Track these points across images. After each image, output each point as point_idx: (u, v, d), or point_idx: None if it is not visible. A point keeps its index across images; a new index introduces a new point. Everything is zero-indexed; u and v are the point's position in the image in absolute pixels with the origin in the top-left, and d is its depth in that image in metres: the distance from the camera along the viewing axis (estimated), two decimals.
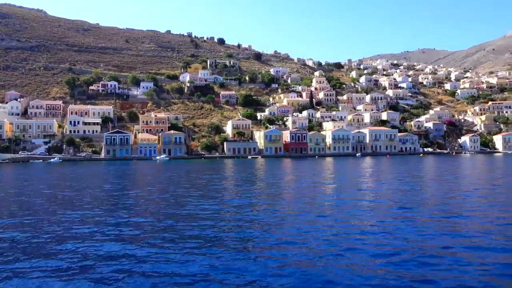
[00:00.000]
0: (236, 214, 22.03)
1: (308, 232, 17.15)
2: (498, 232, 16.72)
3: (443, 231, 16.94)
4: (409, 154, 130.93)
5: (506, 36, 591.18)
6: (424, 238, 15.79)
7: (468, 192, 31.35)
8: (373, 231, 17.29)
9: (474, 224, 18.40)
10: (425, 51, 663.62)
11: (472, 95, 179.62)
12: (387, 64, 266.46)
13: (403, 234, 16.47)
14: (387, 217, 20.38)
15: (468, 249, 14.27)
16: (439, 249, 14.22)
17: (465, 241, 15.32)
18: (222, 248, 14.80)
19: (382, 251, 14.21)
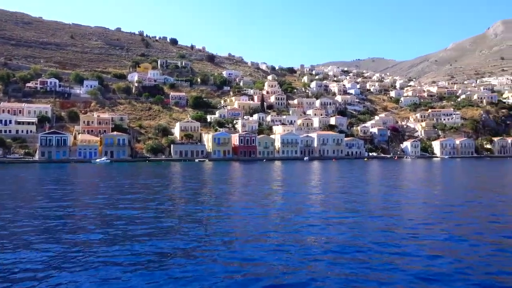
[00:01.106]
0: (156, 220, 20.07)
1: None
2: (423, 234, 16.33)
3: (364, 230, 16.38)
4: (354, 158, 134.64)
5: (447, 49, 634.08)
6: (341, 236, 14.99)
7: (401, 195, 31.64)
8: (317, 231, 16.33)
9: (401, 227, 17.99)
10: (375, 60, 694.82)
11: (414, 103, 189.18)
12: (337, 71, 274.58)
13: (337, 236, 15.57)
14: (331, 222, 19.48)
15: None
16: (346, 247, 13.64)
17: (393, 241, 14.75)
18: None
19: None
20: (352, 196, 31.21)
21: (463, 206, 25.75)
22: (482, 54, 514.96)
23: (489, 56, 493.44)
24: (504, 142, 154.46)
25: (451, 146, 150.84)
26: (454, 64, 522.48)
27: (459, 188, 39.28)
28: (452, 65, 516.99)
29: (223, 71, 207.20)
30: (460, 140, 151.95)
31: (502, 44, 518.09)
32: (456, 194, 33.58)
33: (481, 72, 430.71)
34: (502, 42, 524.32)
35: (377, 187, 40.26)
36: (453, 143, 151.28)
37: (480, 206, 25.70)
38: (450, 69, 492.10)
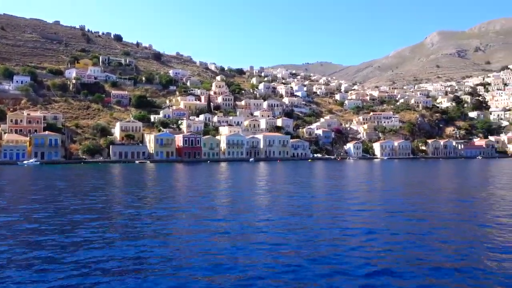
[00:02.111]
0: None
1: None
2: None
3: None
4: (299, 159, 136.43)
5: (389, 56, 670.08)
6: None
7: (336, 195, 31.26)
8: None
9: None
10: (323, 64, 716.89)
11: (358, 106, 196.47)
12: (286, 73, 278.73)
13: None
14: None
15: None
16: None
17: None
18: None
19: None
20: (295, 196, 30.39)
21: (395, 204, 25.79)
22: (420, 62, 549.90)
23: (426, 63, 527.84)
24: (437, 144, 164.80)
25: (390, 147, 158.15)
26: (396, 70, 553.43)
27: (394, 188, 40.09)
28: (393, 71, 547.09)
29: (170, 70, 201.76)
30: (398, 142, 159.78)
31: (438, 53, 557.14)
32: (391, 194, 34.00)
33: (419, 78, 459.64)
34: (438, 51, 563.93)
35: (319, 188, 39.97)
36: (392, 144, 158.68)
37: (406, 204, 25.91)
38: (392, 75, 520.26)
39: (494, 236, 16.99)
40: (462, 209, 25.17)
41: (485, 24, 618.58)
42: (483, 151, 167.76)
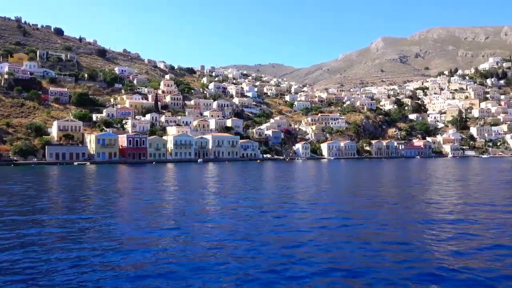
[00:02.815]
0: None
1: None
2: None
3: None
4: (249, 160, 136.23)
5: (338, 60, 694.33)
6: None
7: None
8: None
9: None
10: (275, 66, 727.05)
11: (306, 107, 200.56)
12: (237, 74, 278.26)
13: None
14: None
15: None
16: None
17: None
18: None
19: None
20: (242, 197, 29.18)
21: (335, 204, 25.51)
22: (366, 66, 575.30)
23: (371, 68, 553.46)
24: (380, 145, 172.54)
25: (337, 148, 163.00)
26: (344, 73, 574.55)
27: (338, 187, 40.37)
28: (341, 74, 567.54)
29: (116, 67, 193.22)
30: (345, 143, 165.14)
31: (382, 58, 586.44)
32: (334, 193, 33.99)
33: (365, 81, 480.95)
34: (382, 56, 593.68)
35: (264, 189, 39.15)
36: (338, 145, 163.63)
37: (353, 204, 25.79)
38: (340, 78, 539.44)
39: (428, 230, 17.10)
40: (399, 208, 25.57)
41: (425, 32, 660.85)
42: (421, 151, 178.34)
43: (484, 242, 15.88)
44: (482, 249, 14.77)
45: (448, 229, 18.37)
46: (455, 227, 18.89)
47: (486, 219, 20.81)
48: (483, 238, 16.53)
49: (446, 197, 30.62)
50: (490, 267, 12.69)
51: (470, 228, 18.59)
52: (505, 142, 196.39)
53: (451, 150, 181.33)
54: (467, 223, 19.84)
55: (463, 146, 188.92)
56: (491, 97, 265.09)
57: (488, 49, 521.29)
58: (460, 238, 16.64)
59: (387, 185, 44.23)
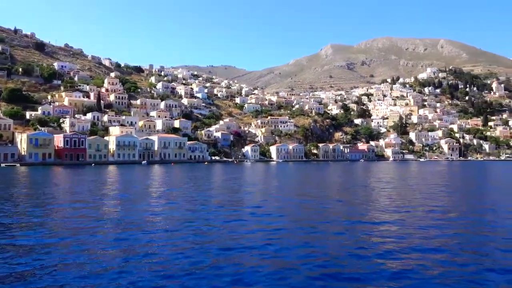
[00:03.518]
0: None
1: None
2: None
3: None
4: (197, 162, 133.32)
5: (289, 64, 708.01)
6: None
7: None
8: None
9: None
10: (227, 68, 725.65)
11: (257, 110, 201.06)
12: (187, 74, 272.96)
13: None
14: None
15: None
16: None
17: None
18: None
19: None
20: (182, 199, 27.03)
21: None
22: (316, 71, 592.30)
23: (321, 73, 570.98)
24: (327, 148, 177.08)
25: (286, 151, 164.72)
26: (294, 78, 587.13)
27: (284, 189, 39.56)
28: (292, 79, 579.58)
29: (55, 63, 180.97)
30: (293, 146, 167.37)
31: (331, 64, 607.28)
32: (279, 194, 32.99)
33: (314, 86, 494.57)
34: (331, 63, 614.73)
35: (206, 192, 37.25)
36: (287, 148, 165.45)
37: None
38: (291, 82, 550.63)
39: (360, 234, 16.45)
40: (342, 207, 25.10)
41: (370, 41, 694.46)
42: (365, 154, 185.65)
43: (414, 242, 16.30)
44: (413, 249, 15.21)
45: (385, 230, 18.21)
46: (389, 228, 18.63)
47: (416, 219, 20.86)
48: (413, 239, 16.82)
49: (384, 199, 30.91)
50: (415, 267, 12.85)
51: (403, 228, 18.56)
52: (440, 147, 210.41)
53: (392, 154, 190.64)
54: (400, 225, 19.71)
55: (403, 150, 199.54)
56: (428, 105, 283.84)
57: (426, 60, 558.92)
58: (393, 238, 17.04)
59: (332, 187, 44.41)
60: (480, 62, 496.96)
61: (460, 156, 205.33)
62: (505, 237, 17.45)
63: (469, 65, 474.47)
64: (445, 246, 15.70)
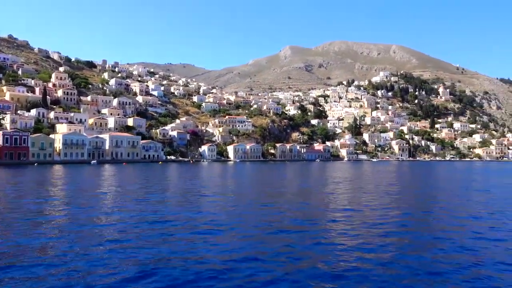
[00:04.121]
0: None
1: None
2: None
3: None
4: (151, 161, 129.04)
5: (248, 64, 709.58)
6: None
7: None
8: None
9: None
10: (186, 66, 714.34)
11: (214, 109, 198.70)
12: (143, 71, 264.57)
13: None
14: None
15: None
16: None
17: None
18: None
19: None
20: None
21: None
22: (275, 72, 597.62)
23: (280, 74, 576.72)
24: (284, 148, 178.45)
25: (243, 150, 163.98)
26: (254, 78, 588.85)
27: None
28: (251, 79, 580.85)
29: None
30: (250, 145, 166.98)
31: (290, 65, 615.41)
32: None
33: (273, 87, 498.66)
34: (290, 64, 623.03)
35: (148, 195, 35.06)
36: (244, 148, 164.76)
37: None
38: (250, 82, 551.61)
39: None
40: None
41: (327, 45, 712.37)
42: (321, 154, 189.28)
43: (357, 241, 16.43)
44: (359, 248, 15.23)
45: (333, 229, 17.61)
46: (335, 227, 18.09)
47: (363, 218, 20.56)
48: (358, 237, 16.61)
49: (337, 199, 30.69)
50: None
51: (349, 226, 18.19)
52: (391, 148, 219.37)
53: (347, 154, 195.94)
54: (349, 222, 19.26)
55: (357, 150, 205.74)
56: (381, 107, 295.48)
57: (379, 64, 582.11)
58: (343, 236, 17.34)
59: (288, 186, 43.90)
60: (428, 68, 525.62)
61: (409, 156, 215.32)
62: (447, 233, 17.46)
63: (419, 70, 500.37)
64: (391, 245, 15.87)
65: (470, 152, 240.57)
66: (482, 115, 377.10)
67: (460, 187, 46.20)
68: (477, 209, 26.11)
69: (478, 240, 16.82)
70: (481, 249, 15.28)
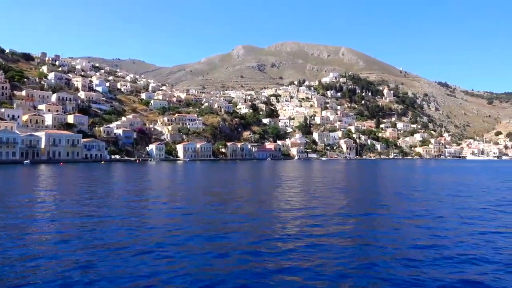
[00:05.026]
0: None
1: None
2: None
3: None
4: (93, 161, 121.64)
5: (200, 62, 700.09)
6: None
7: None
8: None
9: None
10: (136, 62, 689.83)
11: (164, 107, 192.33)
12: (87, 65, 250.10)
13: None
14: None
15: None
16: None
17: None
18: None
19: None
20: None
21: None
22: (227, 71, 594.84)
23: (232, 73, 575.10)
24: (235, 147, 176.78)
25: (193, 149, 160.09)
26: (206, 76, 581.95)
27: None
28: (204, 77, 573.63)
29: None
30: (201, 144, 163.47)
31: (243, 64, 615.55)
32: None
33: (226, 86, 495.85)
34: (243, 63, 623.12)
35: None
36: (194, 147, 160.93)
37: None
38: (203, 80, 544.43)
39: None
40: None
41: (280, 45, 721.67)
42: (272, 153, 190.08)
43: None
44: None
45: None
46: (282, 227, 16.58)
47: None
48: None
49: (286, 198, 29.35)
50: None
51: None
52: (339, 146, 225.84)
53: (297, 153, 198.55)
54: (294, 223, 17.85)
55: (307, 149, 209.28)
56: (330, 107, 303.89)
57: (329, 65, 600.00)
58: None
59: (238, 186, 42.04)
60: (374, 70, 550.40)
61: (356, 155, 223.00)
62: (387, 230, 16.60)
63: (366, 72, 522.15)
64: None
65: (411, 151, 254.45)
66: (422, 116, 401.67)
67: (402, 186, 47.14)
68: (418, 206, 26.02)
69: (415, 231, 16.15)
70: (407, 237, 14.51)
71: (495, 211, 24.90)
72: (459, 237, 17.02)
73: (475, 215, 23.12)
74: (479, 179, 57.36)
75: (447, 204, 28.32)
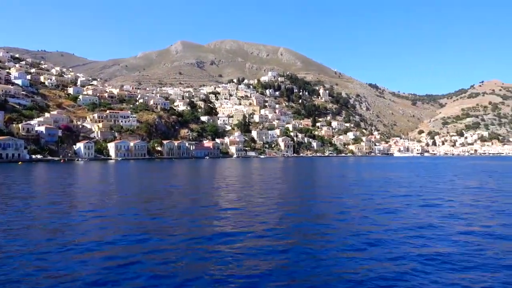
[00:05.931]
0: None
1: None
2: None
3: None
4: (9, 162, 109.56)
5: (137, 57, 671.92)
6: None
7: None
8: None
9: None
10: (64, 55, 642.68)
11: (94, 103, 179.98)
12: (5, 56, 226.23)
13: None
14: None
15: None
16: None
17: None
18: None
19: None
20: None
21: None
22: (165, 67, 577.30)
23: (170, 69, 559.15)
24: (171, 145, 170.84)
25: (126, 148, 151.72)
26: (143, 72, 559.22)
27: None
28: (140, 73, 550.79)
29: None
30: (135, 142, 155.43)
31: (181, 61, 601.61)
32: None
33: (163, 82, 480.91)
34: (181, 59, 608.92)
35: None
36: (127, 145, 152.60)
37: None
38: (139, 76, 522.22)
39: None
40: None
41: (219, 43, 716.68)
42: (211, 151, 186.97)
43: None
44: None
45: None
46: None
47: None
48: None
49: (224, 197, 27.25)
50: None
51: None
52: (278, 144, 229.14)
53: (236, 151, 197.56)
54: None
55: (246, 147, 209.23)
56: (269, 105, 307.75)
57: (268, 65, 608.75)
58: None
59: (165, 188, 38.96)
60: (311, 70, 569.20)
61: (294, 152, 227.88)
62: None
63: (303, 72, 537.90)
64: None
65: (345, 148, 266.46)
66: (354, 115, 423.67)
67: (338, 183, 47.57)
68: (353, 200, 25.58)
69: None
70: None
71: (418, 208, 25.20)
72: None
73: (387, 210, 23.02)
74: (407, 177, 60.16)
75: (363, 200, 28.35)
